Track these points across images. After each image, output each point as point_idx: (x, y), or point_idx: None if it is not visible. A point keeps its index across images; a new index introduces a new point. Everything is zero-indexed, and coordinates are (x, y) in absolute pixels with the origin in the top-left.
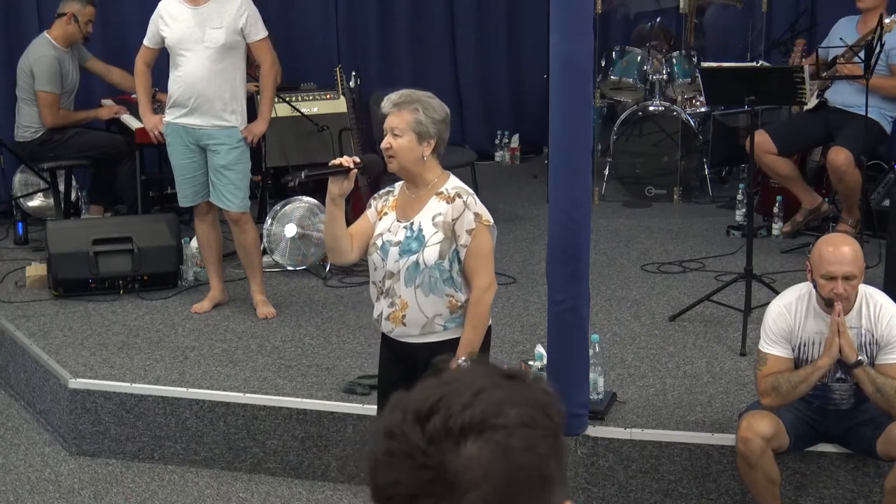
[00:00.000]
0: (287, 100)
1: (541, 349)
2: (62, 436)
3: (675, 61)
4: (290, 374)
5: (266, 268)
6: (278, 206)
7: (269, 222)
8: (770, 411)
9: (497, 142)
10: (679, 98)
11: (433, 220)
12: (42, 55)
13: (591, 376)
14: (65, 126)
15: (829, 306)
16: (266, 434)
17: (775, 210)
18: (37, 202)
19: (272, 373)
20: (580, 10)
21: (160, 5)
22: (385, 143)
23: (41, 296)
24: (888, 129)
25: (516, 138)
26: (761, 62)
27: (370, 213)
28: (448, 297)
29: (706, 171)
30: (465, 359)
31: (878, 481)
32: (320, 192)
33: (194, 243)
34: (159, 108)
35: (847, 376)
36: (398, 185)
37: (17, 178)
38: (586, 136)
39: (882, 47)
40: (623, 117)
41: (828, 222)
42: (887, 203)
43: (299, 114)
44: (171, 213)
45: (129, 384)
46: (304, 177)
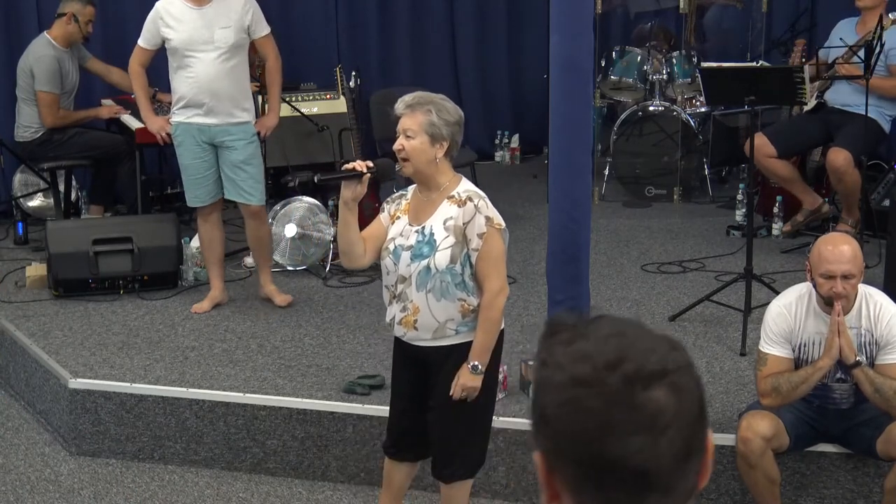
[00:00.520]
0: (287, 100)
1: None
2: (62, 436)
3: (675, 61)
4: (290, 374)
5: None
6: (278, 206)
7: (269, 222)
8: (770, 411)
9: (497, 142)
10: (679, 98)
11: (444, 224)
12: (42, 55)
13: None
14: (65, 126)
15: (828, 305)
16: (266, 434)
17: (775, 210)
18: (37, 202)
19: (272, 373)
20: (580, 10)
21: (158, 6)
22: (398, 145)
23: (41, 296)
24: (887, 128)
25: (516, 138)
26: (761, 62)
27: (383, 216)
28: (460, 301)
29: (706, 171)
30: (477, 364)
31: (878, 481)
32: (320, 193)
33: (194, 243)
34: (159, 108)
35: (847, 376)
36: (411, 189)
37: (17, 178)
38: (586, 136)
39: (882, 47)
40: (623, 117)
41: (828, 222)
42: (887, 203)
43: (299, 114)
44: (171, 213)
45: (129, 384)
46: (318, 180)
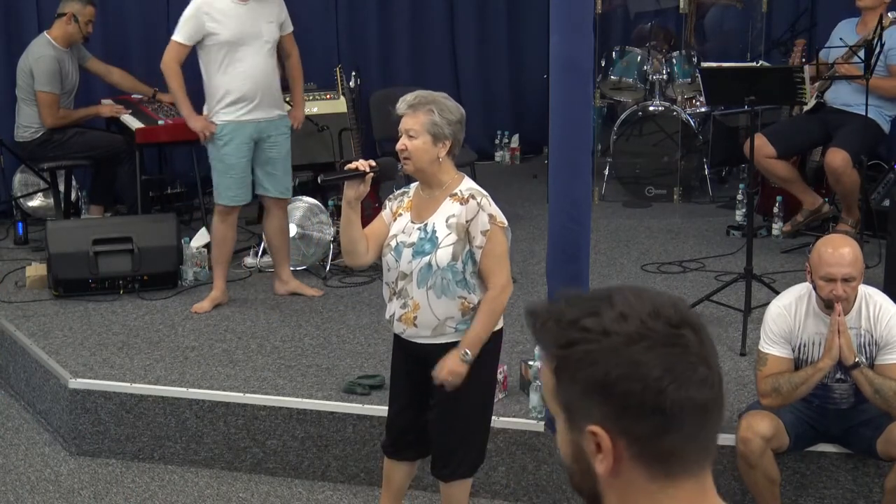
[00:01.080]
0: (287, 100)
1: None
2: (62, 436)
3: (675, 61)
4: (290, 374)
5: (266, 268)
6: None
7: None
8: (770, 411)
9: (497, 142)
10: (679, 98)
11: (447, 221)
12: (42, 55)
13: None
14: (65, 126)
15: (828, 307)
16: (266, 434)
17: (775, 210)
18: (37, 202)
19: (272, 373)
20: (580, 10)
21: (201, 3)
22: (400, 145)
23: (41, 296)
24: (886, 128)
25: (516, 138)
26: (761, 62)
27: (385, 214)
28: (461, 298)
29: (706, 171)
30: (468, 351)
31: (878, 481)
32: (320, 193)
33: (194, 243)
34: (159, 108)
35: (847, 376)
36: (413, 187)
37: (17, 178)
38: (586, 136)
39: (882, 47)
40: (623, 117)
41: (828, 222)
42: (887, 203)
43: None
44: (171, 213)
45: (129, 384)
46: (321, 181)
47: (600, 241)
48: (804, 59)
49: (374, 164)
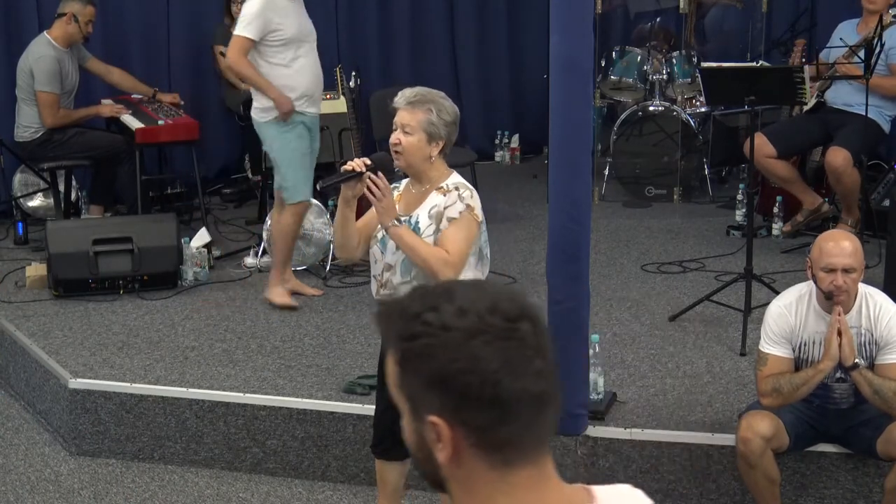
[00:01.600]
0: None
1: None
2: (62, 436)
3: (675, 61)
4: (290, 374)
5: (266, 268)
6: None
7: (269, 222)
8: (770, 411)
9: (497, 142)
10: (679, 98)
11: (429, 212)
12: (42, 55)
13: (591, 376)
14: (65, 126)
15: (828, 300)
16: (266, 434)
17: (775, 210)
18: (37, 202)
19: (272, 373)
20: (580, 10)
21: (265, 0)
22: (394, 139)
23: (41, 296)
24: (886, 128)
25: (516, 138)
26: (761, 62)
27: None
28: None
29: (706, 171)
30: (398, 222)
31: (878, 481)
32: (320, 193)
33: (194, 243)
34: (159, 108)
35: (847, 376)
36: (404, 182)
37: (17, 178)
38: (586, 136)
39: (882, 47)
40: (623, 117)
41: (828, 222)
42: (887, 203)
43: None
44: (171, 213)
45: (129, 384)
46: (319, 187)
47: (600, 241)
48: (804, 59)
49: (368, 162)
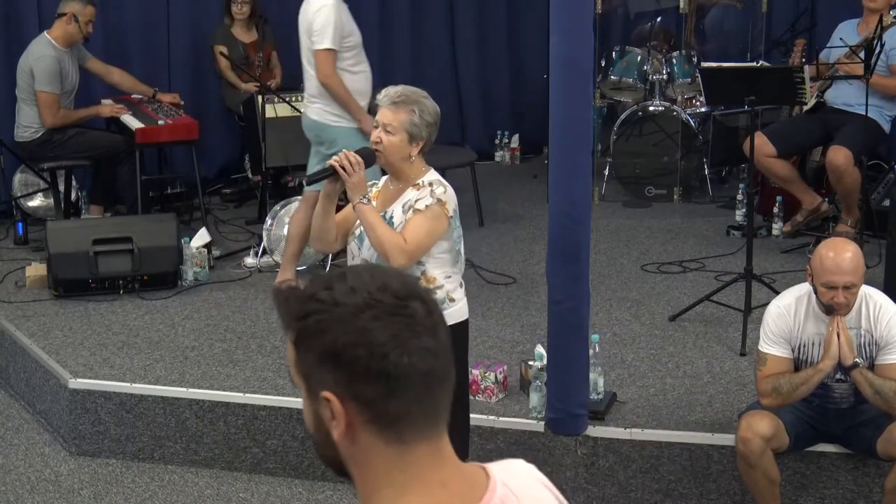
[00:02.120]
0: (287, 100)
1: (541, 349)
2: (62, 436)
3: (675, 61)
4: (290, 374)
5: (266, 268)
6: (278, 207)
7: (269, 222)
8: (770, 411)
9: (497, 142)
10: (679, 98)
11: (403, 206)
12: (42, 55)
13: (591, 376)
14: (65, 126)
15: (828, 313)
16: (266, 434)
17: (775, 210)
18: (37, 202)
19: (272, 373)
20: (580, 10)
21: (335, 6)
22: (375, 137)
23: (41, 296)
24: (887, 128)
25: (516, 138)
26: (761, 62)
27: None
28: (418, 279)
29: (706, 171)
30: (366, 200)
31: (878, 481)
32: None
33: (194, 243)
34: (159, 108)
35: (847, 376)
36: (383, 179)
37: (17, 178)
38: (586, 136)
39: (882, 47)
40: (623, 117)
41: (828, 222)
42: (887, 203)
43: (299, 114)
44: (171, 213)
45: (129, 384)
46: (305, 182)
47: (600, 241)
48: (804, 59)
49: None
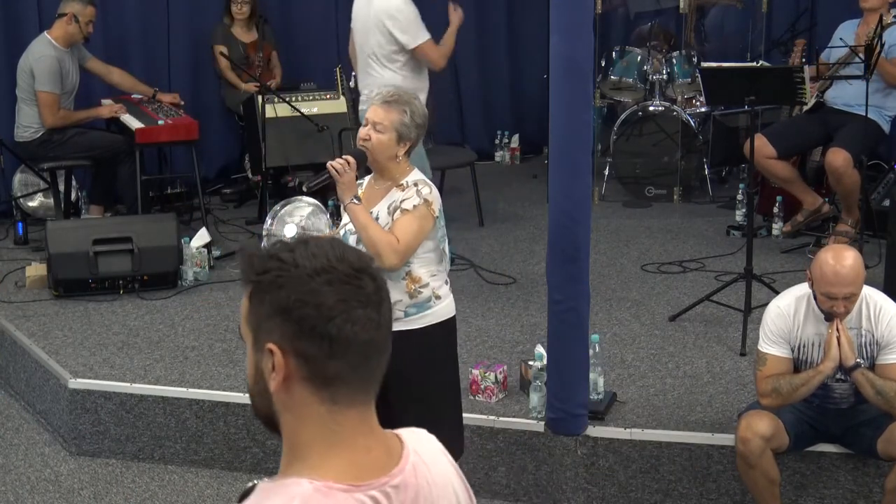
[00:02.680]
0: (287, 100)
1: (541, 349)
2: (62, 436)
3: (675, 61)
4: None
5: None
6: (278, 207)
7: (269, 222)
8: (769, 411)
9: (497, 142)
10: (679, 98)
11: (388, 207)
12: (42, 55)
13: (591, 376)
14: (65, 126)
15: (828, 320)
16: (266, 434)
17: (775, 210)
18: (37, 202)
19: None
20: (580, 10)
21: (410, 4)
22: (364, 134)
23: (41, 296)
24: (886, 128)
25: (516, 138)
26: (761, 62)
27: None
28: (404, 280)
29: (706, 171)
30: (357, 200)
31: (878, 481)
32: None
33: (194, 243)
34: (159, 108)
35: (847, 376)
36: (367, 178)
37: (17, 178)
38: (586, 136)
39: (882, 46)
40: (623, 117)
41: (828, 222)
42: (887, 203)
43: (299, 114)
44: (171, 213)
45: (129, 384)
46: (305, 189)
47: (600, 241)
48: (804, 59)
49: (350, 159)
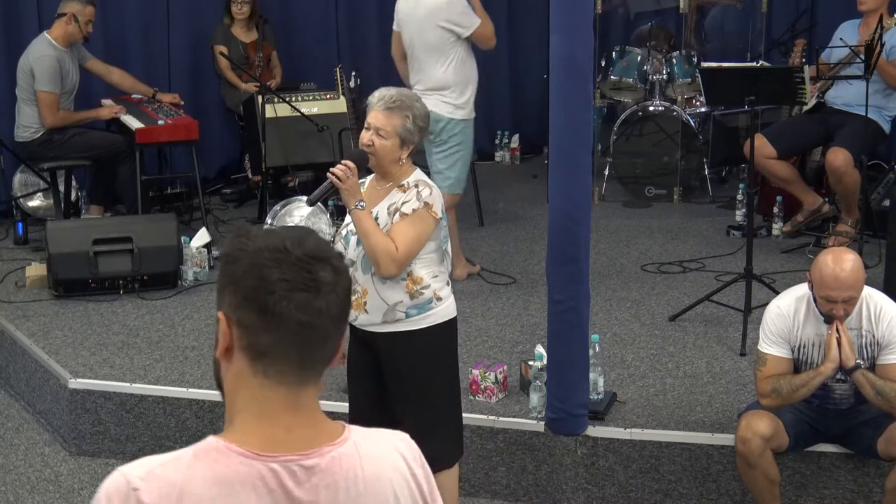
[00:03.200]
0: (287, 100)
1: (541, 349)
2: (62, 436)
3: (675, 61)
4: None
5: None
6: (278, 207)
7: (269, 222)
8: (769, 411)
9: (497, 142)
10: (679, 98)
11: (388, 208)
12: (42, 55)
13: (591, 376)
14: (65, 126)
15: (828, 322)
16: None
17: (775, 210)
18: (37, 202)
19: None
20: (580, 10)
21: None
22: (367, 140)
23: (41, 296)
24: (887, 128)
25: (516, 138)
26: (761, 62)
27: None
28: (405, 280)
29: (706, 171)
30: (362, 204)
31: (878, 481)
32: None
33: (194, 243)
34: (159, 108)
35: (847, 377)
36: (368, 179)
37: (17, 178)
38: (586, 136)
39: (882, 47)
40: (623, 117)
41: (828, 222)
42: (887, 203)
43: (299, 114)
44: (171, 213)
45: (129, 384)
46: (308, 202)
47: (600, 241)
48: (804, 59)
49: (351, 164)
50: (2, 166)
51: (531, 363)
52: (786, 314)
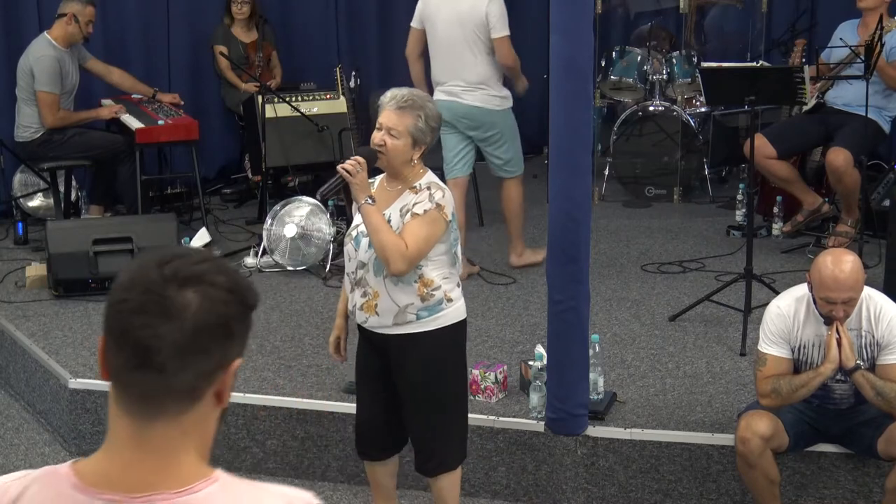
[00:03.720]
0: (287, 100)
1: (541, 349)
2: (62, 436)
3: (675, 61)
4: (290, 374)
5: (266, 268)
6: (278, 207)
7: (269, 222)
8: (769, 411)
9: None
10: (679, 98)
11: (401, 210)
12: (42, 55)
13: (591, 376)
14: (65, 126)
15: (827, 323)
16: (266, 434)
17: (775, 210)
18: (37, 202)
19: (272, 373)
20: (580, 10)
21: None
22: (379, 140)
23: (41, 296)
24: (887, 129)
25: None
26: (761, 62)
27: (354, 206)
28: (416, 283)
29: (706, 171)
30: (371, 200)
31: (878, 481)
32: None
33: (194, 243)
34: (159, 108)
35: (847, 377)
36: (378, 179)
37: (17, 178)
38: (586, 136)
39: (882, 47)
40: (623, 117)
41: (828, 222)
42: (887, 203)
43: (299, 114)
44: (171, 213)
45: None
46: (319, 196)
47: (600, 241)
48: (804, 59)
49: (361, 160)
50: (2, 166)
51: (531, 363)
52: (786, 314)
